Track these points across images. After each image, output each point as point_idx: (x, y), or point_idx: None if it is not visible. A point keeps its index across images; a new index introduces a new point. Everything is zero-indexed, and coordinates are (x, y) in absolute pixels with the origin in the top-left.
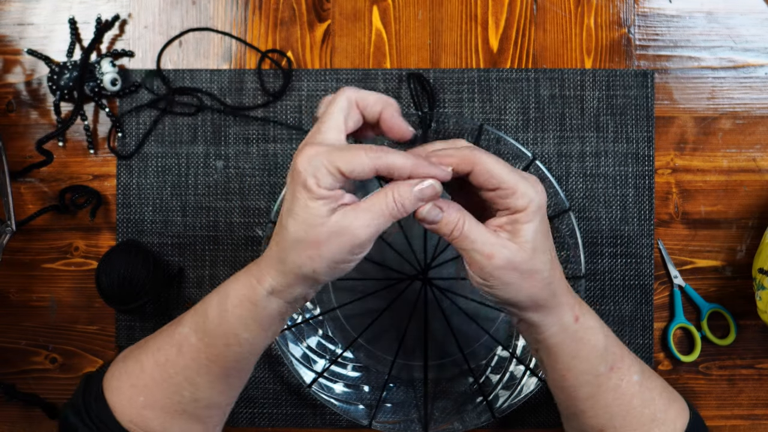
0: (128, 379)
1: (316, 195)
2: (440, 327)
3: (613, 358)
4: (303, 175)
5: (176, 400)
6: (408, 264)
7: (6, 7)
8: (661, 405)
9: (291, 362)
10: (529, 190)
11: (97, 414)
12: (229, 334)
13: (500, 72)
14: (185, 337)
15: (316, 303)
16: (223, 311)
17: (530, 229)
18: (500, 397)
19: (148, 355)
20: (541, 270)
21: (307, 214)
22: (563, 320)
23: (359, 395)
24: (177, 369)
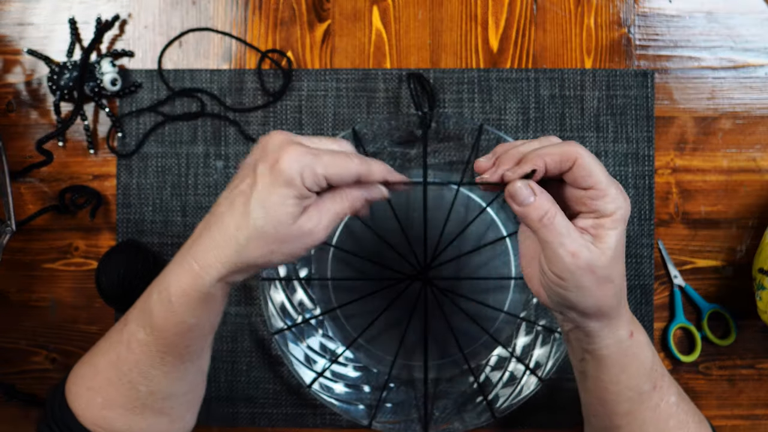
0: (84, 383)
1: (297, 194)
2: (440, 327)
3: (656, 376)
4: (289, 173)
5: (133, 397)
6: (408, 264)
7: (6, 7)
8: (693, 427)
9: (291, 362)
10: (619, 196)
11: (62, 420)
12: (178, 323)
13: (500, 72)
14: (132, 333)
15: (316, 303)
16: (166, 303)
17: (614, 236)
18: (500, 397)
19: (99, 356)
20: (616, 279)
21: (281, 211)
22: (619, 333)
23: (359, 395)
24: (129, 365)
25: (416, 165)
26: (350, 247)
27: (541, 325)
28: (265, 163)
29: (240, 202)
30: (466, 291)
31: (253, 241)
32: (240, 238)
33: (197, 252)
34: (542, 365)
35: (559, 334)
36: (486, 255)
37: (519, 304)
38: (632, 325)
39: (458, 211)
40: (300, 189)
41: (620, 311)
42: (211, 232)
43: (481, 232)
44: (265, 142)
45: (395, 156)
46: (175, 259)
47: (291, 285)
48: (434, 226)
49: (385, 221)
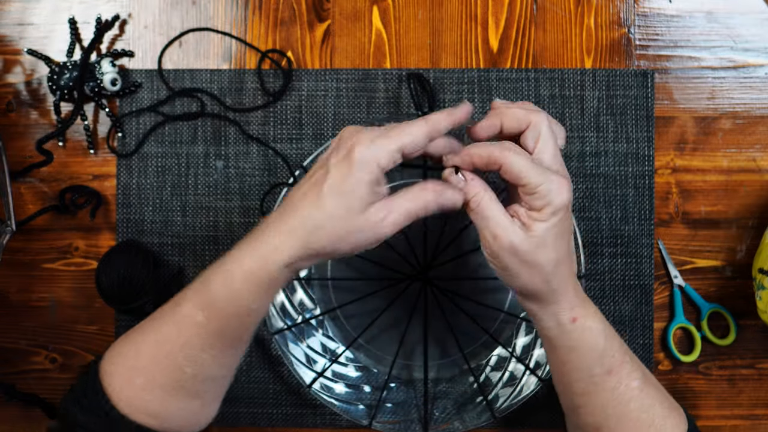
0: (125, 362)
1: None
2: (440, 327)
3: (611, 362)
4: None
5: (176, 378)
6: (408, 264)
7: (6, 7)
8: (660, 412)
9: (291, 362)
10: (551, 193)
11: (94, 400)
12: (238, 307)
13: (500, 72)
14: (187, 315)
15: (317, 303)
16: (230, 287)
17: (542, 227)
18: (500, 397)
19: (146, 336)
20: (543, 265)
21: (353, 197)
22: (559, 317)
23: (359, 395)
24: (179, 347)
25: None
26: None
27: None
28: (339, 154)
29: (314, 192)
30: (466, 291)
31: (322, 228)
32: (309, 225)
33: (267, 238)
34: (542, 365)
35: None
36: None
37: (519, 304)
38: (580, 312)
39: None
40: (375, 173)
41: (557, 297)
42: (283, 219)
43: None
44: (338, 137)
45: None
46: (240, 245)
47: (291, 285)
48: (434, 226)
49: None
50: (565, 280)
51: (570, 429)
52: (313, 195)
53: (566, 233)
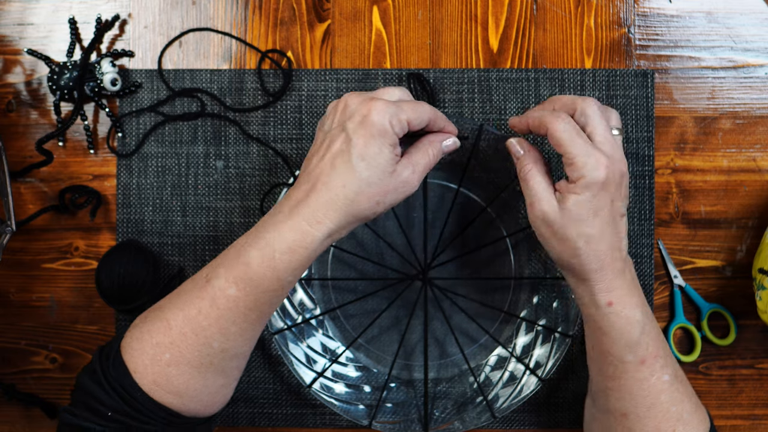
0: (152, 338)
1: (391, 142)
2: (440, 327)
3: (644, 353)
4: (381, 124)
5: (205, 353)
6: (408, 264)
7: (6, 7)
8: (688, 407)
9: (291, 362)
10: (586, 166)
11: (116, 378)
12: (275, 280)
13: (500, 72)
14: (220, 289)
15: (317, 303)
16: (269, 260)
17: (575, 200)
18: (500, 397)
19: (174, 311)
20: (574, 240)
21: (381, 159)
22: (595, 298)
23: (359, 395)
24: (210, 321)
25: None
26: (350, 247)
27: (541, 325)
28: (354, 120)
29: (341, 160)
30: (467, 291)
31: (361, 194)
32: (349, 192)
33: (305, 211)
34: (542, 365)
35: (559, 334)
36: (486, 255)
37: (519, 304)
38: (617, 297)
39: (458, 212)
40: (392, 137)
41: (590, 275)
42: (318, 192)
43: (481, 232)
44: (342, 103)
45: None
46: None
47: None
48: (435, 226)
49: (386, 221)
50: (599, 259)
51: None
52: (343, 164)
53: (604, 212)
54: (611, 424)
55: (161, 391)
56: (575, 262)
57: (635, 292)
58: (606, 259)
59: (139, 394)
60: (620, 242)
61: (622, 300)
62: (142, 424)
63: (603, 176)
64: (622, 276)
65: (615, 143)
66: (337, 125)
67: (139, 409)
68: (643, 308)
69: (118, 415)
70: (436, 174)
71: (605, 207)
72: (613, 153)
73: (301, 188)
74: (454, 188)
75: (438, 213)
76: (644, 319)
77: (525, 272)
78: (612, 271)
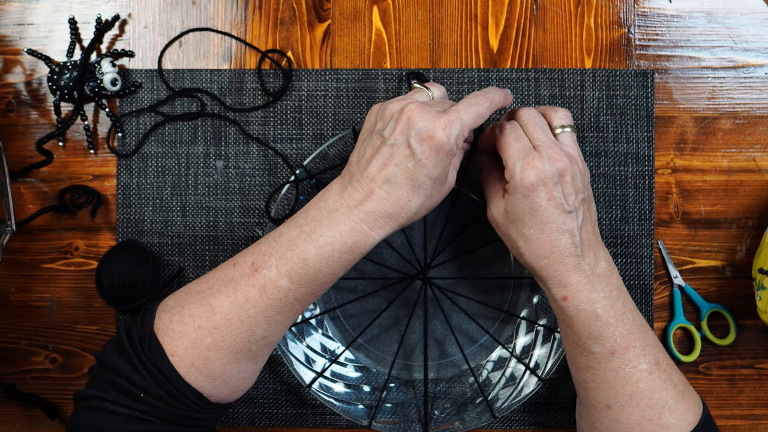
0: (194, 322)
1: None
2: (440, 327)
3: (612, 345)
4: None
5: (246, 339)
6: (408, 264)
7: (6, 7)
8: (674, 394)
9: (291, 362)
10: (515, 168)
11: (152, 360)
12: (329, 275)
13: (500, 72)
14: (271, 279)
15: (316, 303)
16: (328, 257)
17: (510, 201)
18: (500, 397)
19: (219, 297)
20: (514, 239)
21: (443, 176)
22: (551, 292)
23: (359, 395)
24: (258, 309)
25: None
26: None
27: (541, 325)
28: (419, 138)
29: (405, 177)
30: (467, 291)
31: (422, 208)
32: (413, 207)
33: (367, 216)
34: (542, 365)
35: (559, 333)
36: (486, 255)
37: (519, 304)
38: (572, 292)
39: (458, 211)
40: (455, 153)
41: (543, 272)
42: (381, 202)
43: (481, 232)
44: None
45: None
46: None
47: None
48: (434, 225)
49: None
50: (543, 257)
51: (581, 411)
52: (408, 181)
53: (540, 212)
54: (597, 418)
55: (198, 374)
56: (522, 260)
57: (596, 286)
58: (552, 257)
59: (175, 377)
60: (570, 238)
61: (578, 295)
62: (172, 408)
63: (532, 177)
64: (577, 271)
65: (552, 143)
66: (401, 137)
67: (172, 393)
68: (603, 302)
69: (150, 398)
70: None
71: (540, 206)
72: (550, 153)
73: (360, 190)
74: (454, 188)
75: (438, 213)
76: (606, 313)
77: (525, 272)
78: (562, 267)
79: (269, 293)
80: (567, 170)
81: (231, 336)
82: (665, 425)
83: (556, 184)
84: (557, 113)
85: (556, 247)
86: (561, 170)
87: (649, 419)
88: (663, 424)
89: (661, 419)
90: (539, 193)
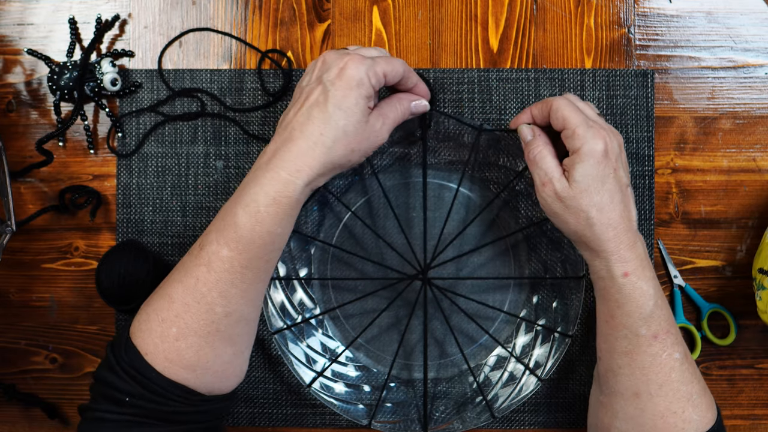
0: (157, 316)
1: (366, 93)
2: (440, 327)
3: (657, 328)
4: (358, 76)
5: (209, 320)
6: (408, 264)
7: (6, 7)
8: (698, 389)
9: (291, 362)
10: (587, 134)
11: (129, 363)
12: (264, 233)
13: (500, 72)
14: (214, 253)
15: (317, 303)
16: (254, 214)
17: (580, 169)
18: (500, 397)
19: (173, 285)
20: (586, 210)
21: (357, 109)
22: (611, 269)
23: (359, 395)
24: (209, 286)
25: (416, 165)
26: (350, 247)
27: (540, 325)
28: (331, 73)
29: (318, 110)
30: (466, 291)
31: (338, 142)
32: (327, 140)
33: (283, 162)
34: (542, 365)
35: (559, 334)
36: (486, 255)
37: (519, 304)
38: (632, 268)
39: (458, 211)
40: (368, 88)
41: (606, 245)
42: (296, 142)
43: (481, 232)
44: (321, 60)
45: (395, 155)
46: (253, 180)
47: (291, 284)
48: (434, 226)
49: (385, 221)
50: (612, 227)
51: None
52: (320, 114)
53: (610, 180)
54: (621, 406)
55: (174, 367)
56: (589, 233)
57: (648, 265)
58: (619, 228)
59: (154, 374)
60: (630, 212)
61: (637, 272)
62: (159, 406)
63: (602, 145)
64: (635, 248)
65: (604, 121)
66: (315, 79)
67: (155, 391)
68: (654, 282)
69: (135, 400)
70: (436, 174)
71: (610, 175)
72: (608, 126)
73: (278, 139)
74: (453, 187)
75: (437, 213)
76: (656, 293)
77: (525, 272)
78: (626, 241)
79: (215, 267)
80: (623, 146)
81: (193, 320)
82: (687, 419)
83: (618, 157)
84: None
85: (623, 218)
86: (620, 143)
87: (674, 411)
88: (686, 419)
89: (685, 413)
90: (609, 162)
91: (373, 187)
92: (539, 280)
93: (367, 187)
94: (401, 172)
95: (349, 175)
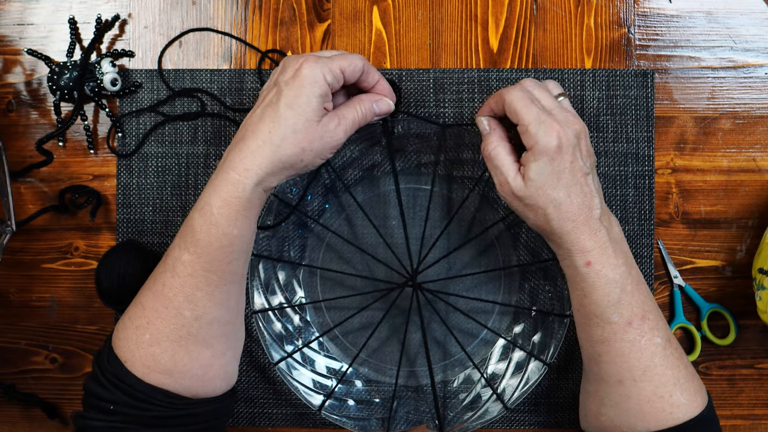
0: (132, 323)
1: (321, 92)
2: (439, 329)
3: (630, 314)
4: (311, 75)
5: (179, 324)
6: (396, 273)
7: (6, 7)
8: (685, 374)
9: (297, 389)
10: (539, 131)
11: (112, 372)
12: (220, 236)
13: (500, 72)
14: (176, 258)
15: (313, 326)
16: (208, 216)
17: (534, 167)
18: (509, 388)
19: (144, 292)
20: (544, 207)
21: (308, 108)
22: (574, 259)
23: (370, 409)
24: (175, 290)
25: (386, 173)
26: (337, 266)
27: (535, 310)
28: (286, 75)
29: (270, 110)
30: (459, 289)
31: (286, 140)
32: (275, 138)
33: (233, 161)
34: (545, 350)
35: (555, 315)
36: (472, 252)
37: (512, 292)
38: (596, 257)
39: (438, 213)
40: (322, 86)
41: (565, 237)
42: (246, 142)
43: (464, 230)
44: (281, 65)
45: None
46: (211, 181)
47: (286, 313)
48: (416, 229)
49: (366, 236)
50: (571, 221)
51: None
52: (271, 113)
53: (565, 175)
54: (606, 393)
55: (153, 373)
56: (548, 228)
57: (614, 251)
58: (578, 220)
59: (134, 381)
60: (591, 200)
61: (600, 260)
62: (142, 412)
63: (555, 140)
64: (599, 235)
65: (561, 107)
66: (273, 82)
67: (138, 397)
68: (621, 268)
69: (119, 407)
70: (408, 178)
71: (566, 169)
72: (564, 117)
73: (233, 142)
74: (426, 189)
75: (417, 217)
76: (623, 279)
77: (512, 261)
78: (586, 231)
79: (178, 272)
80: (582, 133)
81: (163, 325)
82: (675, 404)
83: (575, 147)
84: (548, 84)
85: (582, 209)
86: (577, 132)
87: (660, 396)
88: (673, 403)
89: (672, 397)
90: (563, 156)
91: (348, 203)
92: (527, 266)
93: (343, 204)
94: (373, 183)
95: (323, 195)
